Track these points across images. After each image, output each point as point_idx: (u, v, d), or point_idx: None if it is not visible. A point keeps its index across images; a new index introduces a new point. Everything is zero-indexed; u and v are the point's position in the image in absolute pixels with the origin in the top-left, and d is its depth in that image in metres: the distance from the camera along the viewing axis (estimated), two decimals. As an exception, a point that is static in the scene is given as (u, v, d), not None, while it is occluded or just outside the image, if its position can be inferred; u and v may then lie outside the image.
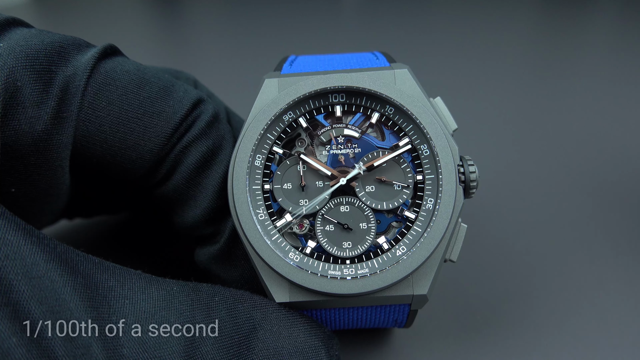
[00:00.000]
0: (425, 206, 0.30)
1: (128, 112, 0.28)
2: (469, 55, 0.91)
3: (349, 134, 0.31)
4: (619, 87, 0.75)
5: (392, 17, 1.18)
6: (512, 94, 0.75)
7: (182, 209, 0.31)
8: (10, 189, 0.28)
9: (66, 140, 0.27)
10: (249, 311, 0.28)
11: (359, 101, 0.31)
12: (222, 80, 0.81)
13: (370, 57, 0.35)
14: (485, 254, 0.44)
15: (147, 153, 0.29)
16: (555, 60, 0.88)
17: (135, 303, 0.24)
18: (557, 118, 0.67)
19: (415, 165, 0.30)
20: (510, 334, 0.37)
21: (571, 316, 0.38)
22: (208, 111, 0.31)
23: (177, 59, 0.95)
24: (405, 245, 0.29)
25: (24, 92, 0.25)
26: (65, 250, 0.24)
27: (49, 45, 0.27)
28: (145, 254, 0.42)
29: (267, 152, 0.30)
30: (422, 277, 0.29)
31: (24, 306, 0.21)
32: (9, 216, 0.23)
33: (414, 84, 0.31)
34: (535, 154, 0.59)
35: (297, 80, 0.31)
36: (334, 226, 0.30)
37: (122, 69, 0.29)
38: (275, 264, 0.28)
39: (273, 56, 0.52)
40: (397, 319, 0.32)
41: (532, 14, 1.22)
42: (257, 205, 0.30)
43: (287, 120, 0.31)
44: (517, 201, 0.51)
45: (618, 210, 0.49)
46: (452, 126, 0.31)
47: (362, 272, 0.28)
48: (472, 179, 0.30)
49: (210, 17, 1.28)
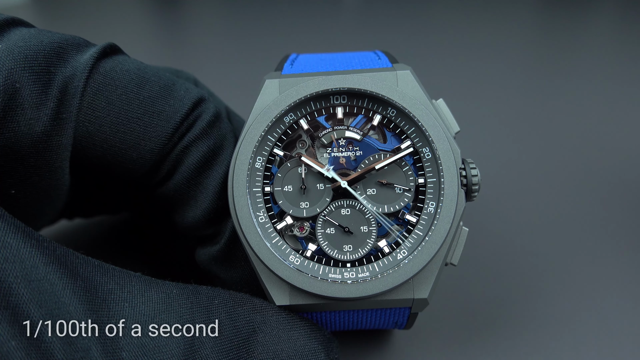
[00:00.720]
0: (426, 210, 0.29)
1: (128, 112, 0.28)
2: (472, 57, 0.91)
3: (350, 136, 0.31)
4: (622, 89, 0.75)
5: (394, 19, 1.17)
6: (515, 96, 0.75)
7: (183, 209, 0.31)
8: (10, 191, 0.28)
9: (66, 141, 0.27)
10: (248, 314, 0.27)
11: (361, 103, 0.31)
12: (223, 80, 0.80)
13: (372, 56, 0.34)
14: (485, 256, 0.44)
15: (148, 153, 0.29)
16: (559, 62, 0.88)
17: (134, 306, 0.24)
18: (559, 121, 0.67)
19: (417, 168, 0.30)
20: (511, 336, 0.37)
21: (572, 320, 0.38)
22: (209, 110, 0.31)
23: (177, 58, 0.95)
24: (406, 249, 0.29)
25: (22, 93, 0.25)
26: (65, 253, 0.24)
27: (47, 46, 0.27)
28: (145, 255, 0.42)
29: (267, 154, 0.30)
30: (423, 281, 0.29)
31: (23, 309, 0.21)
32: (9, 219, 0.23)
33: (416, 85, 0.31)
34: (537, 157, 0.59)
35: (298, 81, 0.31)
36: (334, 229, 0.30)
37: (122, 69, 0.29)
38: (275, 266, 0.28)
39: (273, 56, 0.52)
40: (397, 321, 0.32)
41: (536, 16, 1.22)
42: (257, 208, 0.29)
43: (288, 122, 0.30)
44: (518, 204, 0.51)
45: (620, 213, 0.49)
46: (454, 128, 0.31)
47: (363, 275, 0.28)
48: (474, 182, 0.30)
49: (211, 16, 1.28)
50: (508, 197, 0.52)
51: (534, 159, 0.58)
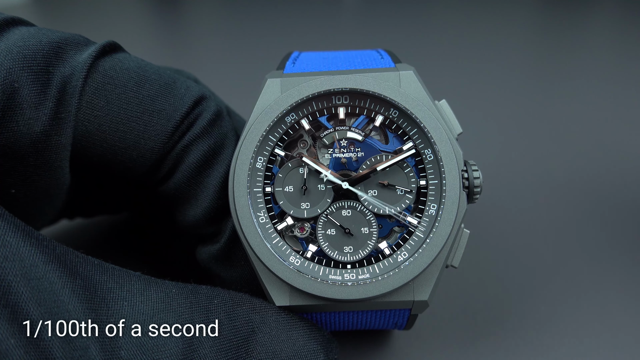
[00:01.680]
0: (428, 212, 0.29)
1: (128, 111, 0.28)
2: (475, 58, 0.91)
3: (352, 137, 0.31)
4: (625, 91, 0.75)
5: (395, 19, 1.17)
6: (518, 97, 0.75)
7: (184, 208, 0.31)
8: (10, 190, 0.28)
9: (65, 141, 0.27)
10: (247, 314, 0.27)
11: (363, 103, 0.30)
12: (223, 79, 0.80)
13: (375, 55, 0.34)
14: (486, 258, 0.44)
15: (148, 152, 0.29)
16: (562, 63, 0.88)
17: (133, 305, 0.24)
18: (562, 122, 0.67)
19: (419, 170, 0.30)
20: (511, 338, 0.36)
21: (572, 321, 0.38)
22: (210, 109, 0.31)
23: (178, 58, 0.95)
24: (407, 251, 0.29)
25: (21, 93, 0.25)
26: (65, 252, 0.24)
27: (46, 45, 0.27)
28: (144, 255, 0.42)
29: (268, 154, 0.30)
30: (423, 283, 0.29)
31: (22, 307, 0.21)
32: (9, 217, 0.23)
33: (419, 86, 0.30)
34: (540, 160, 0.58)
35: (300, 80, 0.30)
36: (335, 230, 0.30)
37: (121, 67, 0.29)
38: (275, 267, 0.28)
39: (274, 55, 0.52)
40: (397, 322, 0.31)
41: (538, 17, 1.22)
42: (257, 208, 0.29)
43: (290, 122, 0.30)
44: (520, 206, 0.51)
45: (622, 214, 0.49)
46: (457, 130, 0.31)
47: (363, 277, 0.28)
48: (476, 184, 0.30)
49: (211, 16, 1.28)
50: (510, 200, 0.52)
51: (536, 161, 0.58)
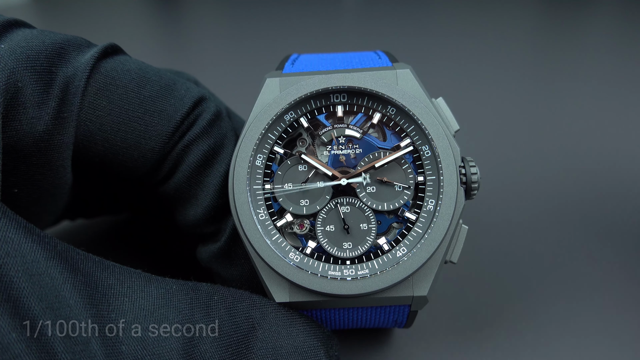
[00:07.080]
0: (426, 207, 0.30)
1: (129, 111, 0.29)
2: (472, 56, 0.91)
3: (350, 134, 0.31)
4: (623, 90, 0.75)
5: (394, 18, 1.18)
6: (514, 95, 0.75)
7: (184, 207, 0.31)
8: (13, 189, 0.28)
9: (67, 140, 0.27)
10: (248, 310, 0.28)
11: (361, 101, 0.31)
12: (223, 80, 0.81)
13: (373, 56, 0.34)
14: (485, 254, 0.44)
15: (149, 152, 0.29)
16: (559, 61, 0.88)
17: (134, 301, 0.25)
18: (559, 120, 0.67)
19: (417, 166, 0.30)
20: (510, 334, 0.36)
21: (571, 317, 0.38)
22: (210, 109, 0.31)
23: (177, 59, 0.95)
24: (405, 247, 0.29)
25: (25, 93, 0.26)
26: (66, 249, 0.24)
27: (49, 46, 0.27)
28: (145, 254, 0.42)
29: (268, 151, 0.30)
30: (422, 278, 0.29)
31: (24, 303, 0.21)
32: (10, 214, 0.23)
33: (416, 84, 0.31)
34: (537, 156, 0.59)
35: (298, 79, 0.31)
36: (334, 226, 0.30)
37: (122, 68, 0.29)
38: (275, 264, 0.28)
39: (274, 56, 0.52)
40: (397, 319, 0.32)
41: (536, 15, 1.22)
42: (257, 205, 0.30)
43: (289, 120, 0.31)
44: (518, 202, 0.51)
45: (621, 212, 0.49)
46: (454, 127, 0.31)
47: (362, 273, 0.28)
48: (473, 180, 0.30)
49: (211, 17, 1.28)
50: (508, 196, 0.52)
51: (534, 158, 0.58)
